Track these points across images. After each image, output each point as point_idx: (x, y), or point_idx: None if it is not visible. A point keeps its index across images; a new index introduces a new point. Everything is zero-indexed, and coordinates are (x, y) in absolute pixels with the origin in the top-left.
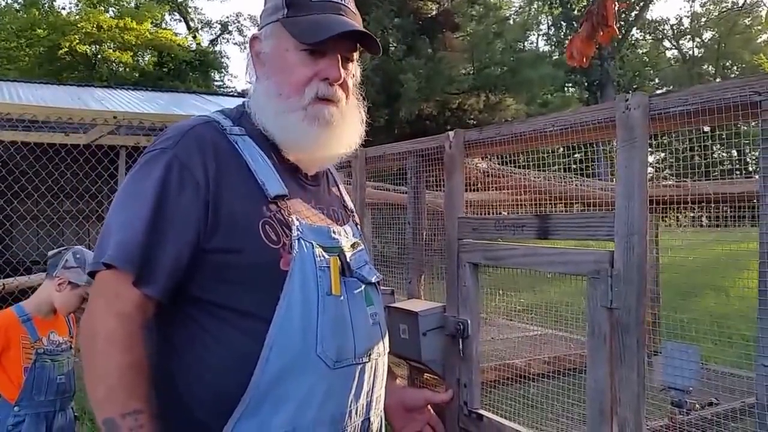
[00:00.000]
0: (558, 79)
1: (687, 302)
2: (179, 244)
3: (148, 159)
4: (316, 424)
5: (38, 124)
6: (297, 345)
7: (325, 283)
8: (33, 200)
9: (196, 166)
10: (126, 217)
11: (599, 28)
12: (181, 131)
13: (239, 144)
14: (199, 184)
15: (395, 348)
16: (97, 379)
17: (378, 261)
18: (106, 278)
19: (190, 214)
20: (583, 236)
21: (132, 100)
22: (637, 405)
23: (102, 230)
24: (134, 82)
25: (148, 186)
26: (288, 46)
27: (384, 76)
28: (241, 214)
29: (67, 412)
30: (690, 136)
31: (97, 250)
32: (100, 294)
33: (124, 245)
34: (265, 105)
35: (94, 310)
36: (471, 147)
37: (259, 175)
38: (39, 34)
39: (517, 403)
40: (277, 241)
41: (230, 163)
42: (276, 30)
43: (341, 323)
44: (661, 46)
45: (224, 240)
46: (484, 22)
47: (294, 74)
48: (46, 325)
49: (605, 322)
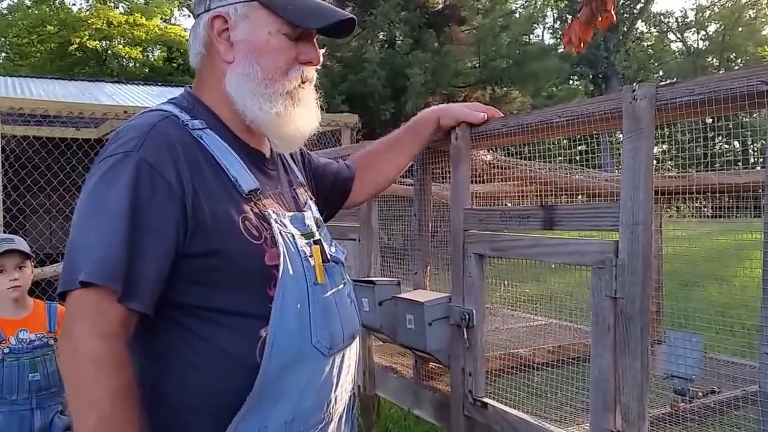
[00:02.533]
0: (563, 72)
1: (689, 292)
2: (160, 253)
3: (111, 165)
4: (313, 411)
5: (50, 118)
6: (295, 339)
7: (311, 273)
8: (45, 194)
9: (166, 167)
10: (98, 230)
11: (598, 13)
12: (142, 130)
13: (204, 139)
14: (172, 186)
15: (401, 338)
16: (87, 408)
17: (385, 253)
18: (85, 297)
19: (167, 220)
20: (589, 227)
21: (142, 95)
22: (640, 394)
23: (68, 246)
24: (144, 77)
25: (118, 194)
26: (270, 29)
27: (390, 69)
28: (220, 213)
29: (48, 410)
30: (691, 127)
31: (68, 269)
32: (79, 314)
33: (103, 261)
34: (245, 90)
35: (74, 332)
36: (477, 139)
37: (231, 171)
38: (50, 31)
39: (521, 392)
40: (259, 237)
41: (199, 160)
42: (253, 11)
43: (330, 311)
44: (665, 39)
45: (206, 242)
46: (490, 16)
47: (280, 59)
48: (14, 324)
49: (609, 312)
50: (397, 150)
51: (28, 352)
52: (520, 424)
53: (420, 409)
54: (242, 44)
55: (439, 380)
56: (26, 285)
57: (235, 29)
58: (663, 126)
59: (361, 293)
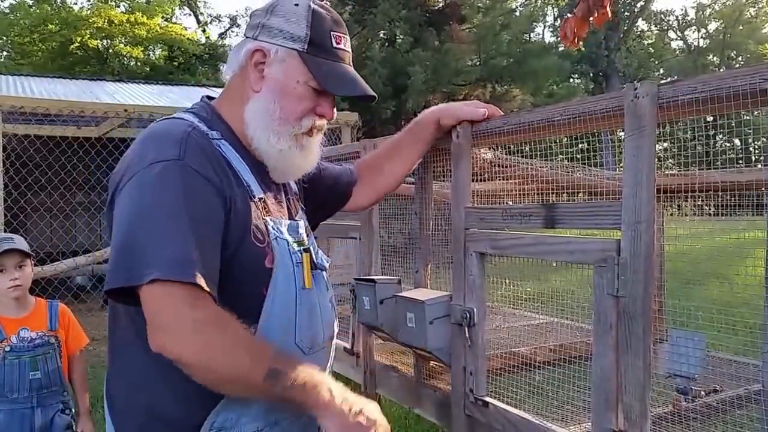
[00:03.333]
0: (564, 70)
1: (692, 290)
2: (218, 247)
3: (158, 172)
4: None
5: (51, 117)
6: (280, 336)
7: (300, 278)
8: (46, 192)
9: (209, 172)
10: (161, 231)
11: (594, 9)
12: (177, 140)
13: (222, 148)
14: (217, 188)
15: (402, 336)
16: (232, 353)
17: (386, 251)
18: (171, 293)
19: (219, 219)
20: (590, 225)
21: (143, 94)
22: (642, 393)
23: (123, 247)
24: (145, 76)
25: (174, 197)
26: (300, 79)
27: (391, 68)
28: (242, 216)
29: (49, 408)
30: (693, 125)
31: (128, 267)
32: (168, 309)
33: (178, 259)
34: (261, 122)
35: (170, 324)
36: (478, 137)
37: (244, 177)
38: (51, 30)
39: (522, 391)
40: (263, 241)
41: (224, 167)
42: (290, 58)
43: (314, 314)
44: (666, 37)
45: (229, 240)
46: (490, 14)
47: (298, 105)
48: (15, 322)
49: (611, 311)
50: (395, 158)
51: (29, 351)
52: (521, 423)
53: (421, 408)
54: (272, 82)
55: (440, 379)
56: (27, 284)
57: (270, 66)
58: (664, 124)
59: (362, 291)
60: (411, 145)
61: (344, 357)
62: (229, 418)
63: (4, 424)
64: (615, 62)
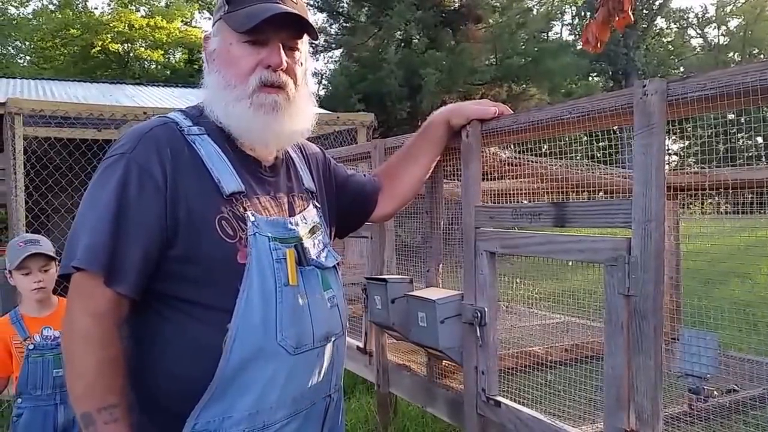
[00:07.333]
0: (581, 68)
1: (710, 289)
2: (145, 243)
3: (107, 165)
4: (278, 406)
5: (71, 120)
6: (258, 335)
7: (282, 274)
8: (67, 194)
9: (153, 167)
10: (90, 221)
11: (615, 13)
12: (138, 135)
13: (197, 143)
14: (158, 184)
15: (414, 336)
16: (76, 377)
17: (400, 250)
18: (79, 280)
19: (152, 214)
20: (601, 224)
21: (163, 97)
22: (654, 393)
23: (69, 235)
24: (165, 79)
25: (109, 190)
26: (231, 40)
27: (406, 68)
28: (197, 211)
29: (71, 406)
30: (714, 121)
31: (67, 254)
32: (75, 295)
33: (91, 248)
34: (215, 97)
35: (71, 311)
36: (488, 136)
37: (215, 173)
38: (73, 34)
39: (535, 390)
40: (234, 236)
41: (187, 162)
42: (220, 26)
43: (299, 312)
44: (686, 35)
45: (183, 237)
46: (507, 13)
47: (238, 64)
48: (39, 321)
49: (623, 310)
50: (411, 162)
51: (52, 349)
52: (533, 422)
53: (433, 408)
54: (216, 57)
55: (453, 378)
56: (50, 286)
57: (211, 45)
58: (679, 122)
59: (374, 291)
60: (425, 148)
61: (357, 356)
62: (212, 420)
63: (28, 420)
64: (634, 60)
